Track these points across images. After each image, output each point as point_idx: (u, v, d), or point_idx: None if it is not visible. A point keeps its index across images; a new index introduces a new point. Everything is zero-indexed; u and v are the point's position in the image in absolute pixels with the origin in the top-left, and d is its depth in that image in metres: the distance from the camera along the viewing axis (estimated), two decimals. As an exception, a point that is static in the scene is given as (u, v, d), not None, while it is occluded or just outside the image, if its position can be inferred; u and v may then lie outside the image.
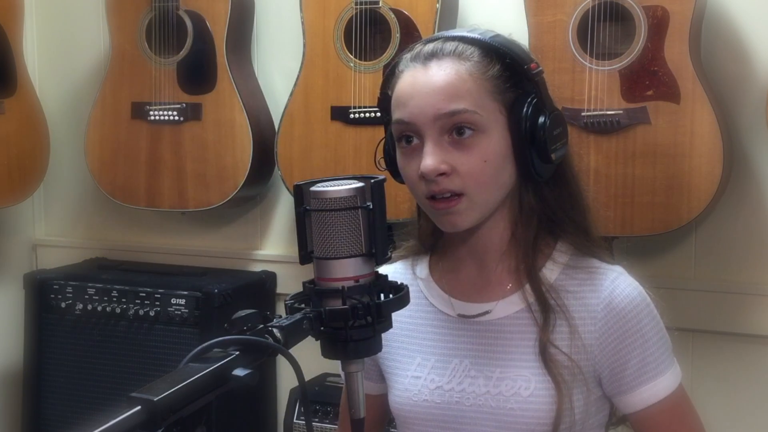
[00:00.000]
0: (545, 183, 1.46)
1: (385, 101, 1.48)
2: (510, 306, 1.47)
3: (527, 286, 1.46)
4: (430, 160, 1.38)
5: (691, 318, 2.52)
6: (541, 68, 1.45)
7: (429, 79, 1.40)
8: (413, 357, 1.52)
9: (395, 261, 1.59)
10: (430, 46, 1.44)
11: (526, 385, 1.42)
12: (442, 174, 1.38)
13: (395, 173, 1.48)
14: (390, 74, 1.47)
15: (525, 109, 1.40)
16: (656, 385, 1.44)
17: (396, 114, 1.43)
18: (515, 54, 1.42)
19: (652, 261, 2.57)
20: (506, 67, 1.42)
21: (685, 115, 2.30)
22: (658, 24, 2.30)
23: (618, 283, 1.45)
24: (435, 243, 1.57)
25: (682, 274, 2.56)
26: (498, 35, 1.46)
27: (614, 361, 1.43)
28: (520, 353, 1.45)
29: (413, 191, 1.44)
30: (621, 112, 2.33)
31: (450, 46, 1.43)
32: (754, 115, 2.41)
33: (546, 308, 1.43)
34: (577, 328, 1.42)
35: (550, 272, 1.47)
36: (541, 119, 1.40)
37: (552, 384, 1.41)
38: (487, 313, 1.48)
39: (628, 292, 1.44)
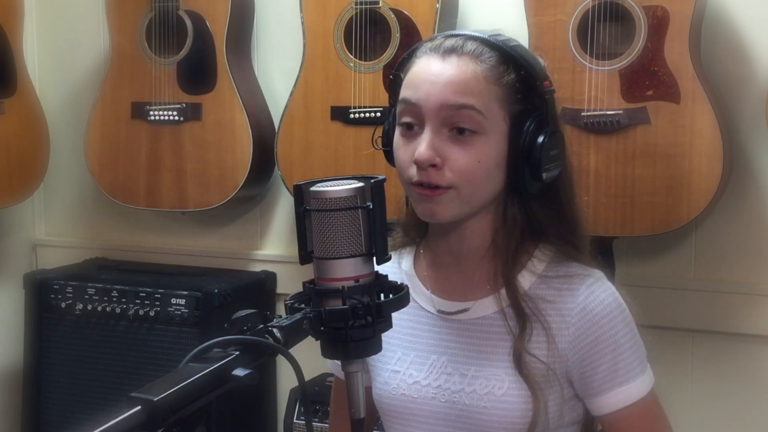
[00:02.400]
0: (534, 198, 1.47)
1: (395, 83, 1.49)
2: (487, 306, 1.49)
3: (502, 291, 1.47)
4: (425, 148, 1.39)
5: (691, 318, 2.52)
6: (553, 88, 1.46)
7: (444, 70, 1.42)
8: (394, 351, 1.54)
9: None
10: (451, 41, 1.45)
11: (499, 384, 1.44)
12: (434, 166, 1.39)
13: (389, 155, 1.49)
14: (406, 58, 1.49)
15: (528, 124, 1.42)
16: (626, 390, 1.45)
17: (404, 93, 1.45)
18: (532, 68, 1.44)
19: (652, 261, 2.57)
20: (520, 78, 1.43)
21: (685, 115, 2.30)
22: (658, 24, 2.30)
23: (594, 289, 1.46)
24: (420, 236, 1.58)
25: (682, 274, 2.56)
26: (519, 45, 1.47)
27: (585, 365, 1.44)
28: (495, 353, 1.46)
29: (401, 174, 1.45)
30: (621, 112, 2.33)
31: (471, 45, 1.44)
32: (754, 115, 2.41)
33: (522, 316, 1.45)
34: (553, 334, 1.44)
35: (525, 280, 1.48)
36: (541, 138, 1.41)
37: (525, 385, 1.42)
38: (465, 311, 1.49)
39: (603, 298, 1.45)
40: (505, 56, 1.43)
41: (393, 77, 1.50)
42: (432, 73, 1.42)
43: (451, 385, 1.47)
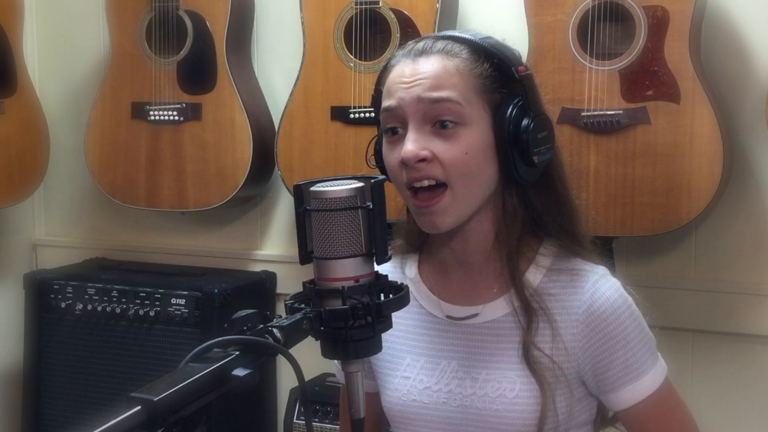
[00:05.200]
0: (530, 186, 1.47)
1: (378, 98, 1.49)
2: (496, 310, 1.49)
3: (512, 291, 1.47)
4: (411, 145, 1.39)
5: (691, 318, 2.52)
6: (530, 72, 1.46)
7: (416, 71, 1.42)
8: (403, 357, 1.54)
9: None
10: (420, 44, 1.46)
11: (511, 387, 1.44)
12: (423, 160, 1.39)
13: (385, 171, 1.49)
14: (383, 71, 1.50)
15: (509, 111, 1.42)
16: (641, 384, 1.45)
17: (384, 103, 1.45)
18: (504, 55, 1.44)
19: (652, 261, 2.58)
20: (494, 67, 1.43)
21: (685, 115, 2.30)
22: (658, 24, 2.30)
23: (598, 287, 1.45)
24: (422, 243, 1.58)
25: (682, 274, 2.56)
26: (489, 37, 1.47)
27: (597, 363, 1.44)
28: (505, 356, 1.46)
29: (395, 181, 1.45)
30: (621, 112, 2.33)
31: (440, 44, 1.45)
32: (754, 115, 2.41)
33: (529, 312, 1.45)
34: (559, 331, 1.44)
35: (533, 276, 1.48)
36: (525, 121, 1.41)
37: (536, 386, 1.43)
38: (474, 315, 1.49)
39: (608, 296, 1.45)
40: (475, 48, 1.44)
41: (375, 93, 1.50)
42: (405, 75, 1.43)
43: (462, 390, 1.47)
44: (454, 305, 1.52)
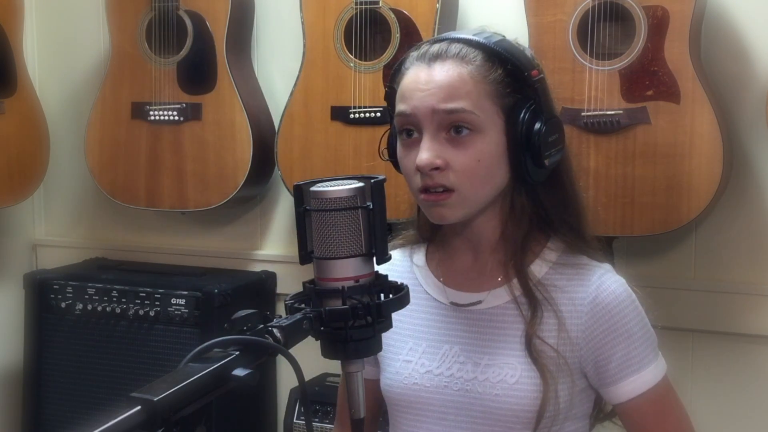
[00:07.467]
0: (540, 185, 1.50)
1: (391, 95, 1.53)
2: (500, 297, 1.52)
3: (515, 281, 1.50)
4: (425, 154, 1.43)
5: (690, 318, 2.52)
6: (542, 75, 1.49)
7: (431, 77, 1.45)
8: (405, 341, 1.56)
9: (394, 249, 1.64)
10: (435, 47, 1.48)
11: (512, 373, 1.46)
12: (437, 168, 1.43)
13: (397, 164, 1.53)
14: (397, 70, 1.53)
15: (522, 115, 1.45)
16: (640, 378, 1.48)
17: (399, 107, 1.48)
18: (517, 60, 1.47)
19: (652, 261, 2.58)
20: (507, 72, 1.46)
21: (685, 115, 2.30)
22: (658, 24, 2.30)
23: (604, 280, 1.49)
24: (433, 234, 1.62)
25: (682, 274, 2.56)
26: (503, 40, 1.50)
27: (599, 355, 1.47)
28: (508, 342, 1.49)
29: (409, 182, 1.49)
30: (621, 112, 2.33)
31: (455, 48, 1.47)
32: (754, 115, 2.41)
33: (533, 302, 1.48)
34: (564, 322, 1.47)
35: (539, 268, 1.51)
36: (537, 125, 1.44)
37: (537, 373, 1.45)
38: (478, 302, 1.52)
39: (614, 289, 1.48)
40: (489, 53, 1.46)
41: (388, 90, 1.54)
42: (420, 82, 1.46)
43: (464, 374, 1.49)
44: (459, 291, 1.55)
